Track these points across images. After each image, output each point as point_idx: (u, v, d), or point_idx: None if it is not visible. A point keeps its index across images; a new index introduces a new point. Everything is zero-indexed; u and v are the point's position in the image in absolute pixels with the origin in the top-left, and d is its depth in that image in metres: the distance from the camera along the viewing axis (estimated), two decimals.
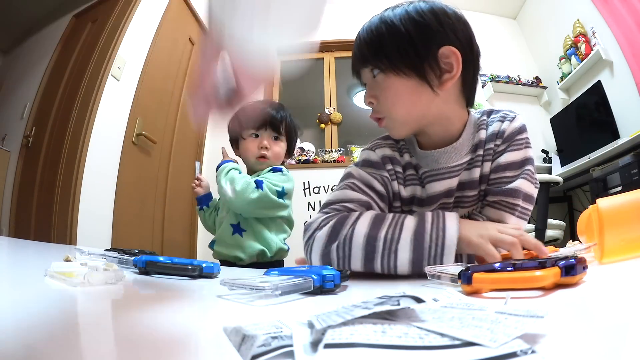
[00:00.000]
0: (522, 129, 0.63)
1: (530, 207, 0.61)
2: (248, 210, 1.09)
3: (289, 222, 1.20)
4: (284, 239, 1.18)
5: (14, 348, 0.17)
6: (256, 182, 1.07)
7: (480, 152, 0.62)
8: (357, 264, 0.51)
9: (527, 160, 0.61)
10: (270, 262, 1.14)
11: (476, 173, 0.62)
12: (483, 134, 0.63)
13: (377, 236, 0.51)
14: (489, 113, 0.66)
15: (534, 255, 0.45)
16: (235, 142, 1.23)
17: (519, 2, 3.15)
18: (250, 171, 1.22)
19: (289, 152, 1.25)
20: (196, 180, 1.30)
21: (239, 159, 1.24)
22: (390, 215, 0.54)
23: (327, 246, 0.53)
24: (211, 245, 1.21)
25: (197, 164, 1.31)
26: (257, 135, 1.16)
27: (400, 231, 0.51)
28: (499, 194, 0.60)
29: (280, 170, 1.14)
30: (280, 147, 1.19)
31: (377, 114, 0.63)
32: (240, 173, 1.12)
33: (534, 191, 0.61)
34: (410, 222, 0.52)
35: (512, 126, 0.62)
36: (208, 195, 1.31)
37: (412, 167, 0.66)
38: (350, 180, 0.64)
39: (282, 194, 1.09)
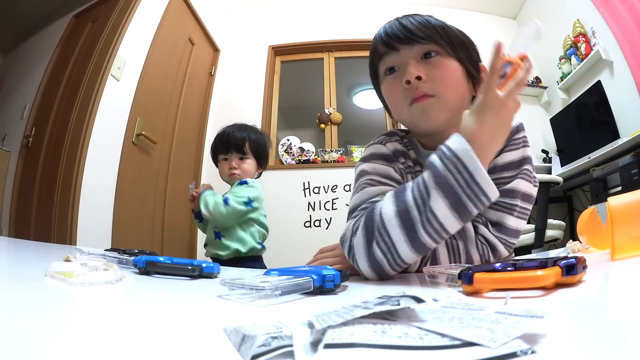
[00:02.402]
0: (519, 128, 0.62)
1: (530, 207, 0.60)
2: (224, 223, 1.34)
3: (259, 223, 1.41)
4: (258, 237, 1.40)
5: (14, 348, 0.17)
6: (224, 199, 1.31)
7: None
8: (404, 249, 0.47)
9: (525, 160, 0.60)
10: (246, 257, 1.35)
11: None
12: None
13: (406, 207, 0.47)
14: None
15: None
16: (216, 164, 1.49)
17: (519, 2, 3.15)
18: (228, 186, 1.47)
19: (262, 165, 1.48)
20: (191, 197, 1.50)
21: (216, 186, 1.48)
22: (409, 184, 0.50)
23: (369, 248, 0.50)
24: (205, 245, 1.43)
25: (191, 185, 1.50)
26: (226, 159, 1.42)
27: (425, 188, 0.46)
28: None
29: (245, 182, 1.38)
30: (248, 164, 1.42)
31: (427, 90, 0.59)
32: (212, 195, 1.35)
33: (532, 190, 0.60)
34: (426, 174, 0.48)
35: None
36: None
37: (419, 164, 0.66)
38: (366, 178, 0.61)
39: (248, 202, 1.33)
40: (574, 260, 0.30)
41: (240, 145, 1.39)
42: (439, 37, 0.59)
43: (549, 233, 1.88)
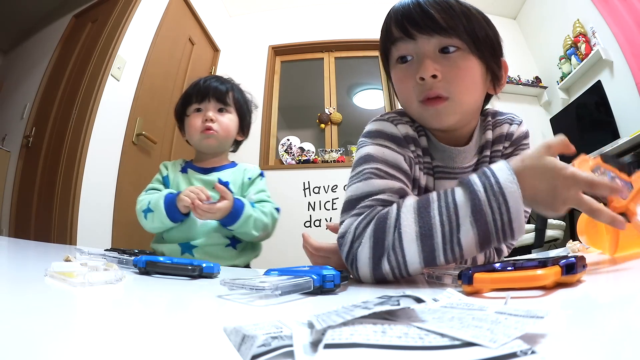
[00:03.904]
0: (527, 134, 0.64)
1: (530, 209, 0.61)
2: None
3: None
4: None
5: (15, 348, 0.17)
6: (276, 209, 1.02)
7: (487, 152, 0.62)
8: (416, 268, 0.44)
9: None
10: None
11: None
12: (490, 135, 0.62)
13: (430, 232, 0.43)
14: (493, 114, 0.65)
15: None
16: (181, 123, 1.09)
17: (519, 2, 3.15)
18: (200, 154, 1.08)
19: (244, 130, 1.11)
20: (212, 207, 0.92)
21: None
22: (434, 198, 0.45)
23: (377, 262, 0.46)
24: (187, 249, 1.00)
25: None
26: (200, 110, 1.03)
27: (456, 215, 0.42)
28: None
29: (263, 175, 1.08)
30: (229, 119, 1.04)
31: (441, 91, 0.54)
32: (253, 208, 0.96)
33: None
34: (460, 196, 0.43)
35: (520, 130, 0.63)
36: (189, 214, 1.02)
37: (428, 154, 0.61)
38: (372, 166, 0.54)
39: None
40: (573, 259, 0.30)
41: (221, 94, 1.03)
42: (462, 30, 0.53)
43: (549, 233, 1.88)
